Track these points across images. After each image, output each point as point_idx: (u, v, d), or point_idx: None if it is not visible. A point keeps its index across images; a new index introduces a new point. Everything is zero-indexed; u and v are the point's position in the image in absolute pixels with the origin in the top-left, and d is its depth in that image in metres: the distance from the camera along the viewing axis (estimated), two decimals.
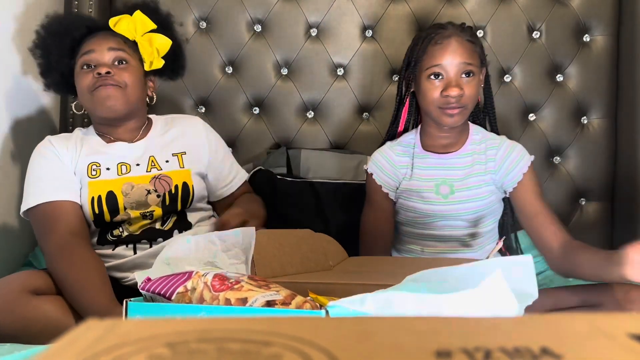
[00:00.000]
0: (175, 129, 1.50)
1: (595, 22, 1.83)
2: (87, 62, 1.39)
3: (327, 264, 1.19)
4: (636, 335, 0.29)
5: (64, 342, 0.29)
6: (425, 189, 1.41)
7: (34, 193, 1.36)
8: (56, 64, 1.45)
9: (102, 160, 1.40)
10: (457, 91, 1.30)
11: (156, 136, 1.48)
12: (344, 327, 0.32)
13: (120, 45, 1.42)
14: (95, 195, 1.36)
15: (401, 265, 1.29)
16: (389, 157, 1.44)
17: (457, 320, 0.32)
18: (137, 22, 1.45)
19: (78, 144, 1.43)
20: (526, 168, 1.39)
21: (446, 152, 1.42)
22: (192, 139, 1.49)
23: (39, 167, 1.39)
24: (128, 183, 1.38)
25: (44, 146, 1.42)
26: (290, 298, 0.80)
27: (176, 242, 1.02)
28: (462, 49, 1.32)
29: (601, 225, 1.83)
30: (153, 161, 1.42)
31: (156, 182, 1.39)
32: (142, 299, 0.89)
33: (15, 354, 0.91)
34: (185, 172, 1.43)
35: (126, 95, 1.39)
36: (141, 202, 1.37)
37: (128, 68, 1.40)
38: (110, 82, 1.36)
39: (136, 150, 1.44)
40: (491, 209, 1.42)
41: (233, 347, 0.28)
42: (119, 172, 1.40)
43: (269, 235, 1.11)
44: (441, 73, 1.32)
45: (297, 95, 1.88)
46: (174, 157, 1.44)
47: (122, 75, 1.38)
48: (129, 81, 1.39)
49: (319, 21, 1.88)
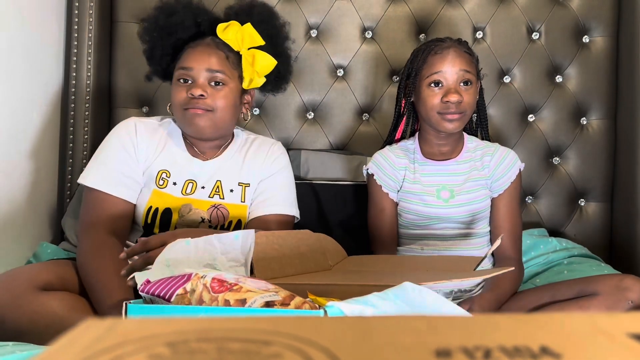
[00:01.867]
0: (252, 152, 1.46)
1: (595, 23, 1.83)
2: (184, 77, 1.36)
3: (326, 263, 1.19)
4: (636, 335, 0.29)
5: (64, 342, 0.29)
6: (426, 193, 1.46)
7: (95, 173, 1.35)
8: (159, 59, 1.43)
9: (173, 171, 1.39)
10: (457, 97, 1.36)
11: (231, 157, 1.45)
12: (344, 326, 0.32)
13: (219, 65, 1.36)
14: (154, 206, 1.36)
15: (400, 264, 1.30)
16: (389, 159, 1.49)
17: (457, 319, 0.32)
18: (244, 35, 1.39)
19: (160, 143, 1.41)
20: (514, 176, 1.46)
21: (445, 159, 1.48)
22: (263, 168, 1.45)
23: (112, 149, 1.37)
24: (187, 205, 1.37)
25: (127, 132, 1.39)
26: (289, 299, 0.80)
27: (176, 244, 1.02)
28: (461, 58, 1.39)
29: (601, 226, 1.83)
30: (218, 187, 1.41)
31: (213, 213, 1.38)
32: (142, 300, 0.89)
33: (17, 354, 0.90)
34: (243, 207, 1.41)
35: (217, 118, 1.36)
36: (193, 226, 1.36)
37: (223, 90, 1.36)
38: (201, 105, 1.33)
39: (208, 170, 1.41)
40: (485, 212, 1.47)
41: (233, 346, 0.28)
42: (184, 190, 1.39)
43: (267, 236, 1.11)
44: (441, 81, 1.38)
45: (297, 96, 1.88)
46: (239, 187, 1.42)
47: (216, 99, 1.34)
48: (221, 105, 1.35)
49: (319, 22, 1.88)
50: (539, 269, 1.59)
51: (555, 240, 1.66)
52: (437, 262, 1.28)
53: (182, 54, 1.39)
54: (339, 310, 0.74)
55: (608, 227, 1.83)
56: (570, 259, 1.59)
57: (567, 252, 1.62)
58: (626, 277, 1.24)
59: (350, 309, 0.74)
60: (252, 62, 1.39)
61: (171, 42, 1.41)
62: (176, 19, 1.40)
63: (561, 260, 1.60)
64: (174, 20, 1.40)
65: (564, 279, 1.43)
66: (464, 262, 1.20)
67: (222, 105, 1.35)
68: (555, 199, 1.84)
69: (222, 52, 1.37)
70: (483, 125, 1.53)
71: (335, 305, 0.75)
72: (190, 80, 1.35)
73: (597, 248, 1.73)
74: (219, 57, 1.37)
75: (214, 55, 1.36)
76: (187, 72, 1.35)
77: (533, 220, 1.83)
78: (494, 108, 1.83)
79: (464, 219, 1.45)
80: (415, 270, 1.18)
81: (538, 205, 1.85)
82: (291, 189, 1.49)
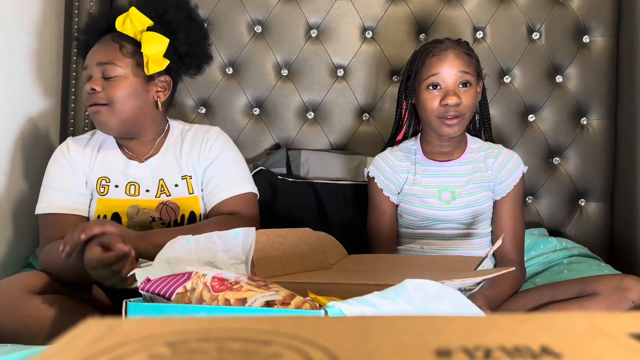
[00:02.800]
0: (187, 143, 1.42)
1: (595, 23, 1.83)
2: (85, 77, 1.36)
3: (326, 262, 1.19)
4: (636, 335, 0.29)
5: (64, 342, 0.29)
6: (427, 195, 1.45)
7: (44, 199, 1.37)
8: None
9: (112, 176, 1.39)
10: (455, 99, 1.35)
11: (168, 152, 1.42)
12: (344, 326, 0.32)
13: (108, 57, 1.33)
14: (102, 214, 1.36)
15: (400, 263, 1.30)
16: (390, 162, 1.49)
17: (457, 319, 0.32)
18: (132, 20, 1.35)
19: (94, 152, 1.41)
20: (517, 179, 1.45)
21: (446, 160, 1.47)
22: (201, 156, 1.41)
23: (52, 174, 1.39)
24: (134, 206, 1.36)
25: (61, 152, 1.41)
26: (290, 298, 0.80)
27: (176, 242, 1.02)
28: (459, 60, 1.38)
29: (601, 226, 1.83)
30: (162, 185, 1.39)
31: (163, 210, 1.36)
32: (142, 299, 0.89)
33: (15, 354, 0.90)
34: (193, 199, 1.39)
35: (115, 111, 1.32)
36: (145, 227, 1.35)
37: (117, 81, 1.32)
38: (96, 100, 1.32)
39: (146, 171, 1.40)
40: (487, 214, 1.47)
41: (233, 346, 0.28)
42: (127, 191, 1.38)
43: (268, 235, 1.11)
44: (439, 83, 1.38)
45: (297, 96, 1.88)
46: (183, 181, 1.39)
47: (109, 91, 1.32)
48: (117, 95, 1.32)
49: (319, 22, 1.88)
50: (539, 268, 1.59)
51: (555, 240, 1.66)
52: (437, 261, 1.28)
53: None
54: (340, 311, 0.74)
55: (608, 227, 1.83)
56: (570, 259, 1.59)
57: (567, 252, 1.62)
58: (626, 277, 1.24)
59: (350, 309, 0.74)
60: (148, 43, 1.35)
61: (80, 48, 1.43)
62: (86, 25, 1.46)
63: (561, 259, 1.60)
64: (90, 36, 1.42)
65: (564, 278, 1.43)
66: (464, 262, 1.20)
67: (118, 96, 1.32)
68: (556, 199, 1.84)
69: (116, 43, 1.35)
70: (486, 126, 1.52)
71: (335, 306, 0.75)
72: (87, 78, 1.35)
73: (597, 248, 1.73)
74: (110, 49, 1.34)
75: (105, 48, 1.35)
76: (85, 72, 1.36)
77: (533, 220, 1.83)
78: (494, 108, 1.83)
79: (465, 220, 1.45)
80: (416, 270, 1.18)
81: (538, 205, 1.85)
82: (239, 167, 1.44)
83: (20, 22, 1.61)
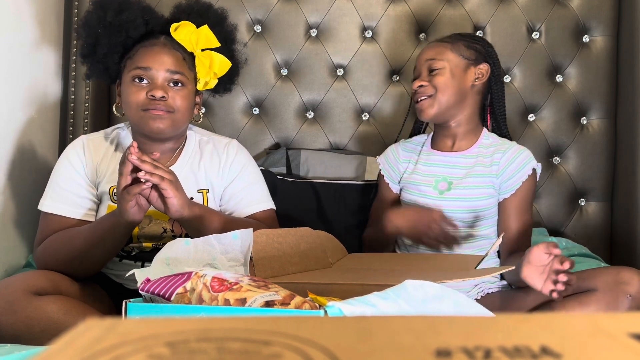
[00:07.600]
0: (206, 157, 1.41)
1: (595, 22, 1.83)
2: (141, 76, 1.31)
3: (326, 261, 1.19)
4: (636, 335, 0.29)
5: (63, 342, 0.29)
6: (424, 183, 1.46)
7: (50, 197, 1.35)
8: (103, 57, 1.36)
9: None
10: (418, 83, 1.42)
11: (185, 164, 1.39)
12: (344, 326, 0.32)
13: (178, 66, 1.32)
14: None
15: (400, 263, 1.30)
16: (395, 151, 1.54)
17: (457, 319, 0.32)
18: (200, 36, 1.35)
19: (109, 157, 1.38)
20: (526, 176, 1.40)
21: (452, 151, 1.47)
22: (221, 173, 1.40)
23: (62, 172, 1.36)
24: (147, 217, 1.32)
25: (75, 151, 1.37)
26: (289, 298, 0.80)
27: (175, 244, 1.02)
28: (429, 50, 1.46)
29: (601, 226, 1.83)
30: None
31: (175, 222, 1.34)
32: (142, 299, 0.89)
33: (15, 354, 0.91)
34: None
35: (176, 119, 1.32)
36: (156, 238, 1.34)
37: (182, 91, 1.32)
38: (163, 107, 1.29)
39: None
40: (489, 212, 1.43)
41: (233, 346, 0.28)
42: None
43: (267, 235, 1.11)
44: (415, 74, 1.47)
45: (297, 96, 1.88)
46: (199, 194, 1.37)
47: (176, 100, 1.31)
48: (181, 106, 1.31)
49: (318, 22, 1.88)
50: None
51: (555, 240, 1.66)
52: (438, 260, 1.28)
53: (135, 54, 1.33)
54: (339, 311, 0.74)
55: (608, 227, 1.83)
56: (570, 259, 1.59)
57: (567, 252, 1.61)
58: (622, 270, 1.21)
59: (350, 309, 0.74)
60: (210, 64, 1.36)
61: (120, 40, 1.35)
62: (127, 17, 1.34)
63: None
64: (125, 18, 1.34)
65: None
66: (465, 261, 1.20)
67: (182, 107, 1.31)
68: (556, 199, 1.84)
69: (179, 53, 1.34)
70: (499, 120, 1.50)
71: (335, 306, 0.75)
72: (146, 80, 1.30)
73: (597, 248, 1.73)
74: (177, 58, 1.33)
75: (172, 56, 1.33)
76: (145, 72, 1.30)
77: (533, 220, 1.83)
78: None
79: (465, 218, 1.42)
80: (416, 269, 1.18)
81: (538, 205, 1.84)
82: (260, 184, 1.45)
83: (20, 22, 1.61)
